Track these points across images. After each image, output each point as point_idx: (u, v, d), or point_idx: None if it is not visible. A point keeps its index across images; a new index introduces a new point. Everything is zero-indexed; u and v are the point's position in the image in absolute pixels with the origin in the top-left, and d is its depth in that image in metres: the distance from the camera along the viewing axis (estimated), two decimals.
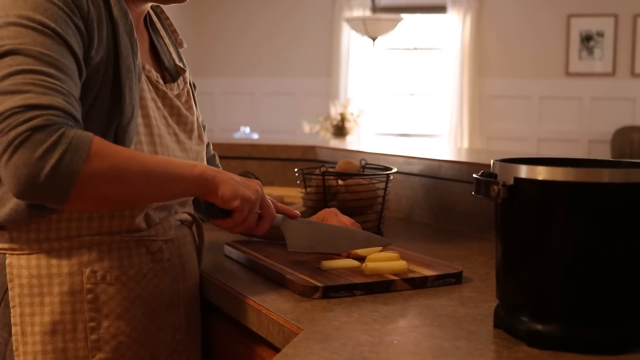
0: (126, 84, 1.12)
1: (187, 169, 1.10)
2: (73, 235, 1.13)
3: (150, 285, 1.19)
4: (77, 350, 1.13)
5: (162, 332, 1.21)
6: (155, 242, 1.20)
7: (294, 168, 1.87)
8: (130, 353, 1.16)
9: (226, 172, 1.16)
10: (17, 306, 1.12)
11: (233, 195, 1.14)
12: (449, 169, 1.85)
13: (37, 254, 1.12)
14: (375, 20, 5.85)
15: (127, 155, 1.05)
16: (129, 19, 1.16)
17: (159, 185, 1.09)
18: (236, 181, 1.15)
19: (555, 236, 0.89)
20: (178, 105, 1.27)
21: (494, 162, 0.96)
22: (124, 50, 1.13)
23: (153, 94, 1.23)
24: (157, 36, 1.33)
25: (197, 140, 1.33)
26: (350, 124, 6.19)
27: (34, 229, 1.12)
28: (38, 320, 1.12)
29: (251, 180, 1.19)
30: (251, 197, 1.16)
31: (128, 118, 1.12)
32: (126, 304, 1.16)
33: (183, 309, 1.25)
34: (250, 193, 1.16)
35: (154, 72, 1.24)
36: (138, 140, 1.15)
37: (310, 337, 0.95)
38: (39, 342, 1.12)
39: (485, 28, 7.14)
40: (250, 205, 1.16)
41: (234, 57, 7.80)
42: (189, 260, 1.28)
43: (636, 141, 6.53)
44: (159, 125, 1.21)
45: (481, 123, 7.21)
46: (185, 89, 1.33)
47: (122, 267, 1.16)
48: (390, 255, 1.27)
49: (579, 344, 0.89)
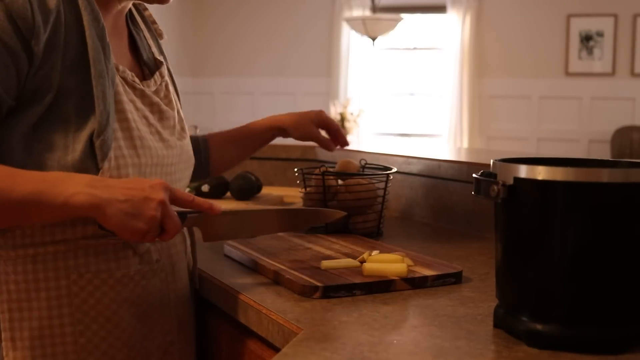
0: (99, 89, 1.09)
1: (64, 197, 1.00)
2: (58, 240, 1.12)
3: (138, 287, 1.18)
4: (66, 354, 1.12)
5: (153, 334, 1.21)
6: (142, 244, 1.18)
7: (293, 168, 1.87)
8: (121, 355, 1.16)
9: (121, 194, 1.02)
10: (6, 312, 1.12)
11: (120, 229, 1.03)
12: (448, 169, 1.85)
13: (22, 259, 1.11)
14: (375, 20, 5.86)
15: None
16: (100, 22, 1.12)
17: (27, 215, 1.04)
18: (125, 213, 1.01)
19: (554, 236, 0.89)
20: (157, 102, 1.24)
21: (494, 162, 0.96)
22: (95, 55, 1.10)
23: (131, 95, 1.18)
24: (137, 29, 1.31)
25: (179, 134, 1.29)
26: (350, 123, 6.20)
27: (19, 235, 1.11)
28: (27, 325, 1.11)
29: (150, 201, 1.03)
30: (142, 229, 1.03)
31: (103, 125, 1.08)
32: (114, 307, 1.15)
33: (174, 310, 1.25)
34: (143, 223, 1.03)
35: (128, 72, 1.20)
36: (117, 146, 1.11)
37: (310, 337, 0.95)
38: (28, 348, 1.11)
39: (485, 28, 7.14)
40: (141, 235, 1.04)
41: (234, 57, 7.80)
42: (179, 261, 1.27)
43: (636, 141, 6.54)
44: (139, 126, 1.17)
45: (481, 123, 7.21)
46: (163, 82, 1.29)
47: (109, 269, 1.15)
48: (393, 257, 1.27)
49: (578, 344, 0.89)
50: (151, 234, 1.05)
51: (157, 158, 1.20)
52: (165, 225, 1.06)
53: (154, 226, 1.05)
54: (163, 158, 1.21)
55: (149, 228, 1.04)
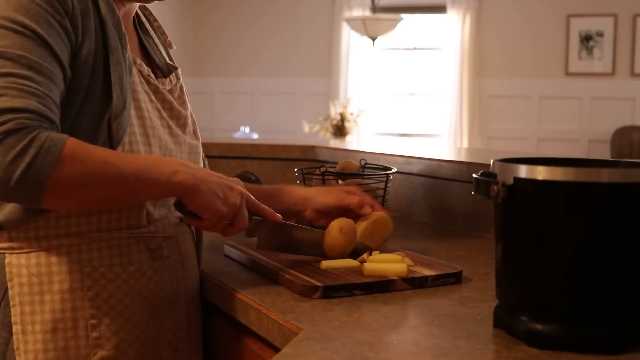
0: (116, 74, 1.12)
1: (166, 174, 1.07)
2: (72, 233, 1.13)
3: (150, 282, 1.19)
4: (78, 348, 1.13)
5: (164, 330, 1.21)
6: (154, 238, 1.20)
7: (293, 168, 1.87)
8: (132, 350, 1.16)
9: (211, 177, 1.12)
10: (18, 305, 1.12)
11: (206, 208, 1.10)
12: (448, 169, 1.85)
13: (36, 252, 1.12)
14: (375, 20, 5.86)
15: (102, 158, 1.03)
16: (116, 14, 1.16)
17: (135, 191, 1.08)
18: (215, 194, 1.10)
19: (554, 236, 0.89)
20: (170, 100, 1.27)
21: (494, 162, 0.96)
22: (113, 43, 1.14)
23: (145, 87, 1.23)
24: (147, 36, 1.34)
25: (192, 135, 1.32)
26: (350, 123, 6.20)
27: (33, 227, 1.12)
28: (39, 318, 1.12)
29: (234, 190, 1.14)
30: (224, 212, 1.12)
31: (120, 109, 1.12)
32: (127, 301, 1.16)
33: (184, 306, 1.25)
34: (226, 208, 1.12)
35: (145, 67, 1.24)
36: (131, 131, 1.15)
37: (310, 337, 0.95)
38: (40, 341, 1.12)
39: (485, 28, 7.14)
40: (220, 219, 1.13)
41: (234, 57, 7.80)
42: (189, 258, 1.28)
43: (636, 141, 6.54)
44: (152, 117, 1.21)
45: (481, 123, 7.21)
46: (178, 84, 1.33)
47: (122, 264, 1.16)
48: (393, 257, 1.27)
49: (578, 344, 0.89)
50: (224, 221, 1.14)
51: (166, 150, 1.22)
52: (236, 218, 1.15)
53: (232, 213, 1.13)
54: (171, 152, 1.23)
55: (228, 213, 1.12)
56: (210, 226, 1.15)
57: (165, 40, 1.40)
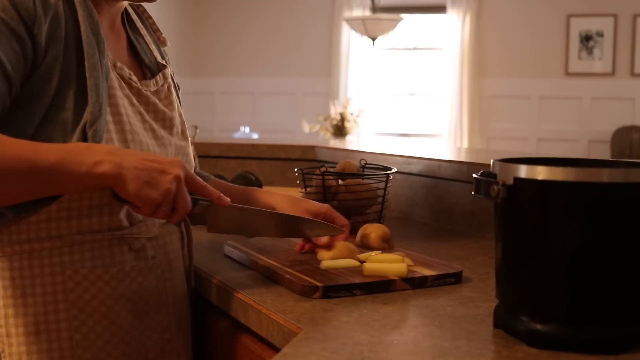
0: (92, 81, 1.12)
1: (87, 166, 1.02)
2: (53, 236, 1.13)
3: (134, 283, 1.18)
4: (62, 350, 1.13)
5: (150, 331, 1.21)
6: (137, 239, 1.19)
7: (293, 168, 1.87)
8: (117, 352, 1.16)
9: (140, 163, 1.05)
10: (1, 308, 1.12)
11: (135, 196, 1.05)
12: (448, 169, 1.85)
13: (18, 255, 1.12)
14: (375, 20, 5.86)
15: (15, 153, 1.01)
16: (94, 18, 1.15)
17: (53, 184, 1.05)
18: (143, 181, 1.04)
19: (554, 236, 0.89)
20: (155, 101, 1.26)
21: (494, 162, 0.96)
22: (89, 49, 1.13)
23: (125, 91, 1.21)
24: (136, 35, 1.33)
25: (180, 136, 1.31)
26: (350, 123, 6.20)
27: (15, 231, 1.12)
28: (22, 321, 1.12)
29: (167, 174, 1.06)
30: (156, 199, 1.06)
31: (96, 116, 1.10)
32: (110, 303, 1.16)
33: (172, 307, 1.25)
34: (157, 194, 1.05)
35: (126, 70, 1.22)
36: (109, 138, 1.13)
37: (310, 337, 0.95)
38: (24, 343, 1.12)
39: (485, 28, 7.15)
40: (156, 205, 1.07)
41: (234, 57, 7.81)
42: (176, 259, 1.28)
43: (636, 141, 6.54)
44: (132, 122, 1.19)
45: (481, 123, 7.21)
46: (166, 84, 1.31)
47: (104, 265, 1.16)
48: (393, 257, 1.27)
49: (578, 344, 0.89)
50: (164, 208, 1.07)
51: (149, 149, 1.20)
52: (177, 203, 1.08)
53: (167, 199, 1.06)
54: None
55: (162, 200, 1.06)
56: (150, 213, 1.09)
57: (159, 38, 1.38)
